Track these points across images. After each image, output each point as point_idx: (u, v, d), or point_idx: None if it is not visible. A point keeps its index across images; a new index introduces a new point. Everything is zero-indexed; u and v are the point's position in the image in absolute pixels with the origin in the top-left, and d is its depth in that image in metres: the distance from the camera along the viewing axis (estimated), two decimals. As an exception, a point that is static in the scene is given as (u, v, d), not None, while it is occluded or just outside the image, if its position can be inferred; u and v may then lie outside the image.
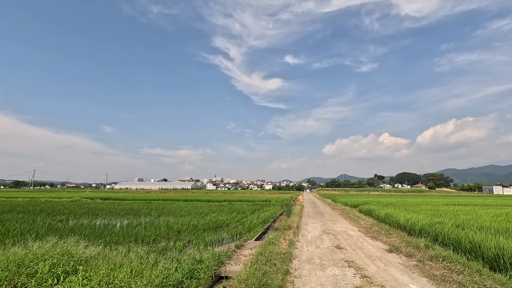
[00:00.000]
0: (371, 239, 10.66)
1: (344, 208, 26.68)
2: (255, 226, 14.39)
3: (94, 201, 37.43)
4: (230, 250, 8.11)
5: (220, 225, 14.60)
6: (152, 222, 15.22)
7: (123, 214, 21.04)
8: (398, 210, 18.53)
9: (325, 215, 20.57)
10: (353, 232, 12.55)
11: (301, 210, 23.77)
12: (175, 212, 21.95)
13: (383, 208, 20.43)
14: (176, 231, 12.38)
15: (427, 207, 22.71)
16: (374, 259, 7.57)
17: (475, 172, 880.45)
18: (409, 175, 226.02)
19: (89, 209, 23.44)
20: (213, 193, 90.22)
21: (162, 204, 30.37)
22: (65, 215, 19.94)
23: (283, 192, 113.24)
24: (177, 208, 24.91)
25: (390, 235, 11.44)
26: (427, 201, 35.50)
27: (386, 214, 15.30)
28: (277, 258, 7.33)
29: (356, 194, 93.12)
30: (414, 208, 21.58)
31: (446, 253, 7.47)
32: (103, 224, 14.48)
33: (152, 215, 20.64)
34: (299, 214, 20.34)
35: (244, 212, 21.54)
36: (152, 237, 10.61)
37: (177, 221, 15.01)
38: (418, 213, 16.75)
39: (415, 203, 29.34)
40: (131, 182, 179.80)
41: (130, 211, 22.56)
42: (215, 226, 14.02)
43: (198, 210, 22.76)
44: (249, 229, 13.35)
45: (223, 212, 21.01)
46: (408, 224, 12.65)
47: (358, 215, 19.20)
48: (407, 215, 14.16)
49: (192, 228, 12.78)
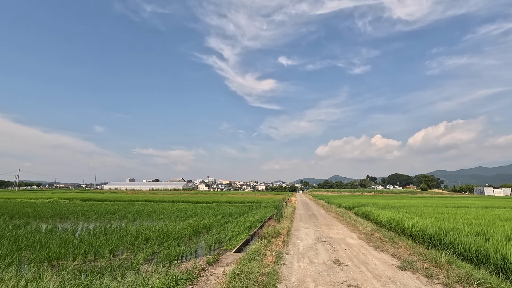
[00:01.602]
0: (375, 250, 8.87)
1: (338, 210, 24.99)
2: (239, 232, 12.48)
3: (73, 202, 34.94)
4: (197, 268, 6.19)
5: (199, 231, 12.64)
6: (121, 228, 13.18)
7: (95, 218, 18.86)
8: (398, 213, 16.88)
9: (319, 218, 18.80)
10: (352, 240, 10.76)
11: (293, 213, 21.96)
12: (155, 215, 19.86)
13: (381, 210, 18.77)
14: (144, 239, 10.38)
15: (428, 209, 21.17)
16: (385, 282, 5.76)
17: (464, 174, 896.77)
18: (400, 176, 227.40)
19: (59, 212, 21.11)
20: (203, 194, 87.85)
21: (144, 206, 28.16)
22: (26, 218, 17.68)
23: (275, 193, 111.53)
24: (159, 210, 22.81)
25: (396, 244, 9.70)
26: (424, 202, 34.16)
27: (389, 218, 13.55)
28: (258, 282, 5.45)
29: (349, 195, 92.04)
30: (414, 210, 20.00)
31: (479, 274, 5.70)
32: (61, 230, 12.39)
33: (127, 218, 18.54)
34: (291, 217, 18.52)
35: (231, 215, 19.62)
36: (108, 248, 8.59)
37: (151, 226, 13.02)
38: (422, 216, 15.11)
39: (413, 205, 27.86)
40: (122, 182, 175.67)
41: (105, 214, 20.36)
42: (192, 233, 12.05)
43: (181, 213, 20.72)
44: (232, 236, 11.43)
45: (207, 215, 19.05)
46: (415, 230, 10.95)
47: (355, 219, 17.48)
48: (412, 219, 12.48)
49: (163, 236, 10.79)
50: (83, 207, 25.85)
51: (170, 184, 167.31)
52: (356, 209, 22.81)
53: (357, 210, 21.74)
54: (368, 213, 18.48)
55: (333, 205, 31.95)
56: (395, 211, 18.87)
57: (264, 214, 19.48)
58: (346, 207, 27.50)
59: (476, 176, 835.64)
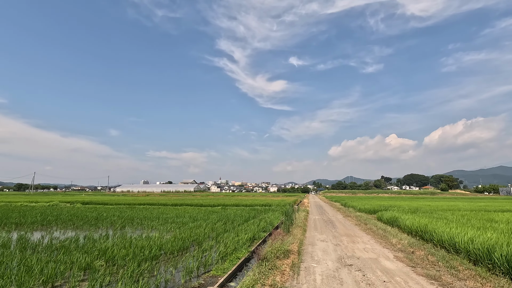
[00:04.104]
0: (430, 284, 5.96)
1: (358, 215, 21.87)
2: (238, 246, 9.76)
3: (72, 206, 33.28)
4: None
5: (186, 246, 10.00)
6: (93, 239, 10.80)
7: (82, 224, 16.71)
8: (435, 220, 13.73)
9: (337, 226, 15.85)
10: (389, 262, 7.83)
11: (305, 219, 19.07)
12: (148, 221, 17.49)
13: (411, 216, 15.62)
14: (108, 259, 7.85)
15: (467, 214, 17.82)
16: None
17: (484, 174, 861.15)
18: (416, 177, 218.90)
19: (45, 218, 19.05)
20: (213, 196, 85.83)
21: (142, 210, 25.93)
22: (4, 226, 15.68)
23: (287, 194, 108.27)
24: (156, 216, 20.42)
25: (456, 271, 6.75)
26: (453, 205, 30.44)
27: (431, 229, 10.46)
28: None
29: (365, 196, 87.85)
30: (452, 215, 16.73)
31: None
32: (19, 244, 10.06)
33: (117, 224, 16.26)
34: (303, 224, 15.66)
35: (234, 220, 16.99)
36: (45, 277, 6.06)
37: (130, 239, 10.60)
38: (470, 225, 11.96)
39: (442, 208, 24.38)
40: (136, 184, 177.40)
41: (95, 220, 18.23)
42: (177, 248, 9.45)
43: (178, 219, 18.27)
44: (226, 254, 8.72)
45: (207, 221, 16.50)
46: (476, 249, 7.93)
47: (382, 227, 14.46)
48: (465, 232, 9.43)
49: (135, 254, 8.22)
50: (77, 212, 23.89)
51: (181, 186, 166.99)
52: (379, 213, 19.67)
53: (381, 215, 18.62)
54: (396, 220, 15.40)
55: (351, 209, 28.76)
56: (429, 217, 15.69)
57: (271, 221, 16.70)
58: (366, 211, 24.32)
59: (498, 176, 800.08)
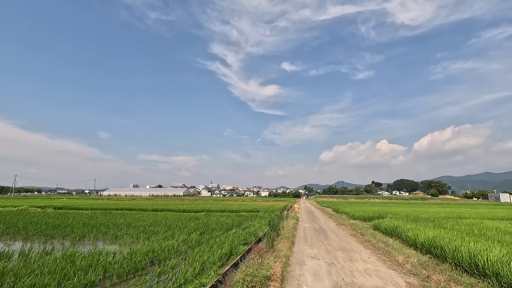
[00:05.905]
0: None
1: (353, 223, 20.01)
2: (207, 266, 7.67)
3: (43, 211, 30.38)
4: None
5: (142, 266, 7.87)
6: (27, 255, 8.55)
7: (34, 234, 14.30)
8: (444, 231, 11.94)
9: (330, 237, 13.92)
10: (401, 292, 5.90)
11: (294, 227, 17.07)
12: (116, 229, 15.21)
13: (414, 225, 13.83)
14: None
15: (476, 223, 16.15)
16: None
17: (471, 179, 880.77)
18: (406, 182, 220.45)
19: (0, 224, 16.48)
20: (201, 200, 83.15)
21: (117, 217, 23.43)
22: None
23: (278, 199, 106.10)
24: (128, 223, 18.08)
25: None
26: (450, 211, 29.01)
27: (447, 245, 8.52)
28: None
29: (356, 202, 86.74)
30: (459, 226, 15.00)
31: None
32: None
33: (74, 235, 13.85)
34: (291, 235, 13.65)
35: (214, 229, 14.90)
36: None
37: (77, 256, 8.38)
38: (482, 237, 10.20)
39: (442, 215, 22.79)
40: (125, 188, 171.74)
41: (54, 228, 15.84)
42: (127, 271, 7.29)
43: (150, 228, 16.00)
44: (187, 280, 6.63)
45: (182, 230, 14.35)
46: (505, 272, 6.12)
47: (381, 239, 12.59)
48: (491, 249, 7.62)
49: (69, 283, 6.05)
50: (40, 219, 21.23)
51: (171, 190, 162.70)
52: (375, 221, 17.86)
53: (378, 224, 16.81)
54: (397, 230, 13.57)
55: (344, 215, 26.92)
56: (434, 227, 13.93)
57: (255, 230, 14.62)
58: (361, 218, 22.52)
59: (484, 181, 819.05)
